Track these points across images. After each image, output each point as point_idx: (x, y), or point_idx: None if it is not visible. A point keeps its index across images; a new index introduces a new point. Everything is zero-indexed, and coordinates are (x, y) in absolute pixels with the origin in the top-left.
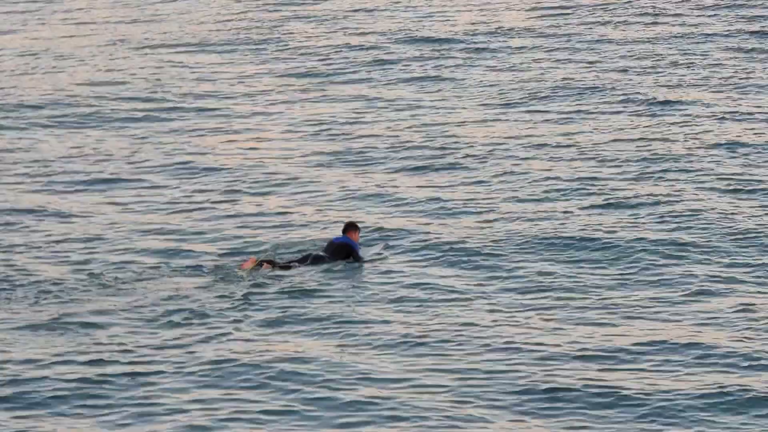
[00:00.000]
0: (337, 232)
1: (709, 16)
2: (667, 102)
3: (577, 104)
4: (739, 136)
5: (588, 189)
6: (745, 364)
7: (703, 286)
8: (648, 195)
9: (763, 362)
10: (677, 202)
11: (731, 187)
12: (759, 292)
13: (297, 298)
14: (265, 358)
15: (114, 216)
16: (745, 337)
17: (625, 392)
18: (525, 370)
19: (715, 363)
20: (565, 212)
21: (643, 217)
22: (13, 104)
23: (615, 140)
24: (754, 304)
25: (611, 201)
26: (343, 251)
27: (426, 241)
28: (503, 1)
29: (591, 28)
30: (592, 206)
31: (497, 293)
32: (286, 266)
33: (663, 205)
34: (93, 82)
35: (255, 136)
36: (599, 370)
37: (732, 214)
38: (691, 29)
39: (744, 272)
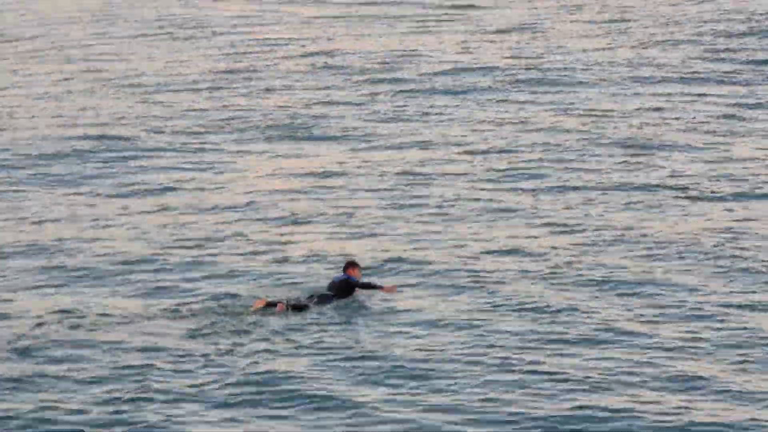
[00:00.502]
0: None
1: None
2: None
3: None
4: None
5: (604, 226)
6: None
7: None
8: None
9: None
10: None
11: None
12: None
13: (318, 332)
14: (284, 388)
15: (131, 250)
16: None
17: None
18: (534, 401)
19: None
20: (573, 246)
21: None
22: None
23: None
24: None
25: (619, 238)
26: (346, 288)
27: (427, 270)
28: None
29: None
30: (606, 242)
31: (503, 319)
32: (298, 306)
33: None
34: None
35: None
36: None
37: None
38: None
39: None
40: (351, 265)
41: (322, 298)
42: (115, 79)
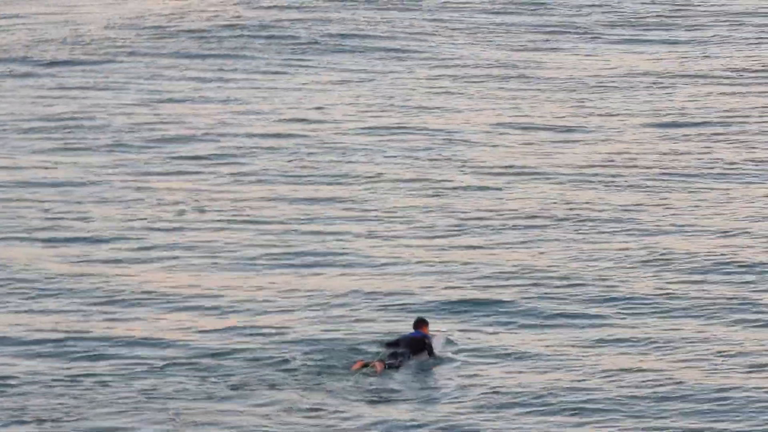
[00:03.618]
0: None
1: None
2: None
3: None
4: None
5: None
6: None
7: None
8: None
9: None
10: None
11: None
12: None
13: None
14: None
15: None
16: None
17: None
18: None
19: None
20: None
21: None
22: None
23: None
24: None
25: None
26: (420, 345)
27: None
28: None
29: None
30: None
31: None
32: (393, 365)
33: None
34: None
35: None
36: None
37: None
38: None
39: None
40: (423, 322)
41: (402, 355)
42: None
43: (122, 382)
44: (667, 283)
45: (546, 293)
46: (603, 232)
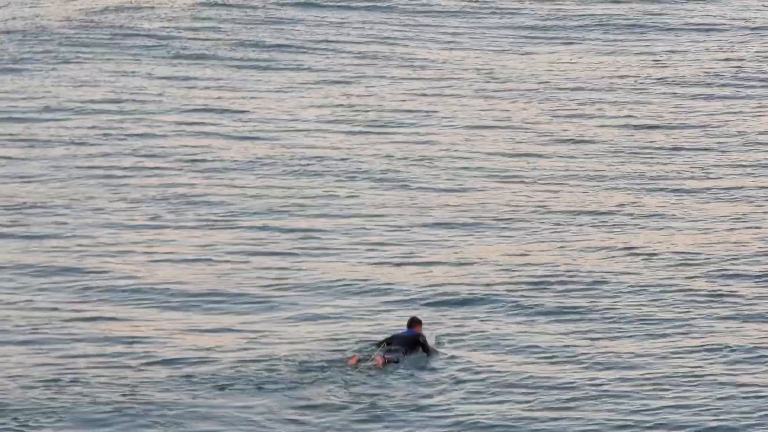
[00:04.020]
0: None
1: None
2: None
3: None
4: None
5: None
6: None
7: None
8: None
9: None
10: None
11: None
12: None
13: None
14: None
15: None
16: None
17: None
18: None
19: None
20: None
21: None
22: None
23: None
24: None
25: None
26: (414, 343)
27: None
28: None
29: None
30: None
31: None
32: (392, 360)
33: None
34: None
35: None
36: None
37: None
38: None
39: None
40: (416, 321)
41: (397, 352)
42: None
43: (105, 381)
44: (650, 276)
45: (535, 288)
46: (584, 226)
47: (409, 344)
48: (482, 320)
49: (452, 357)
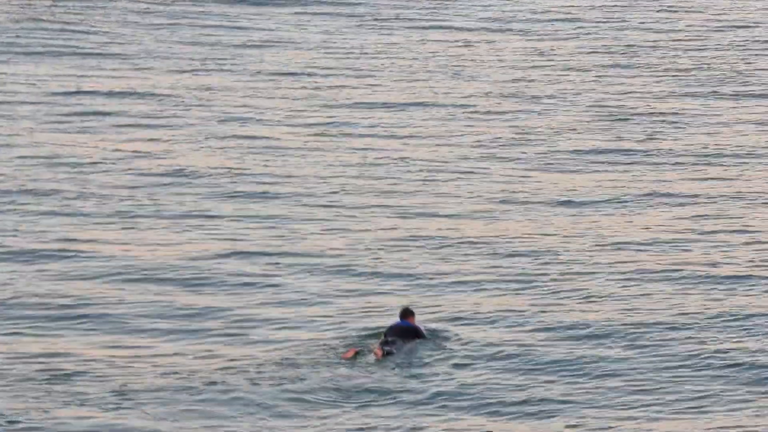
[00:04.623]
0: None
1: None
2: None
3: None
4: None
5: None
6: None
7: None
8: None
9: None
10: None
11: None
12: None
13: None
14: None
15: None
16: None
17: None
18: None
19: None
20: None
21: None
22: None
23: None
24: None
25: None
26: (409, 333)
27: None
28: None
29: None
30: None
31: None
32: (390, 352)
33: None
34: None
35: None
36: None
37: None
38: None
39: None
40: (409, 312)
41: (394, 343)
42: None
43: (90, 378)
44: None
45: (525, 279)
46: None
47: (406, 336)
48: (472, 306)
49: (445, 344)
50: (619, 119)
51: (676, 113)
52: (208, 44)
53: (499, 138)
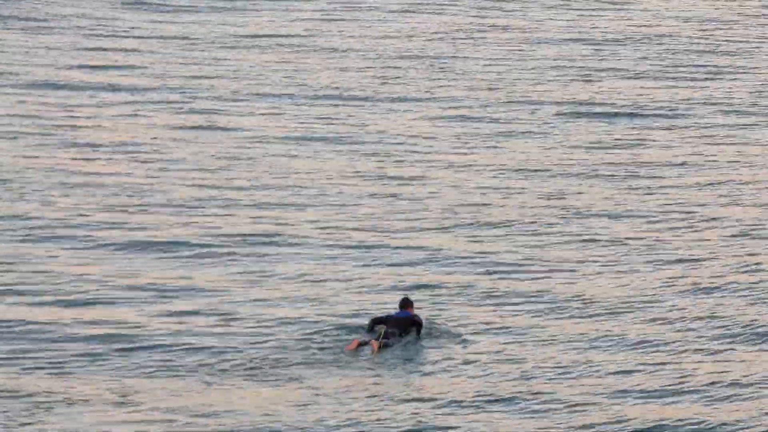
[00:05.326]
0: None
1: None
2: None
3: None
4: None
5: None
6: None
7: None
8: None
9: None
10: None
11: None
12: None
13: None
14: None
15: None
16: None
17: None
18: None
19: None
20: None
21: None
22: None
23: None
24: None
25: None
26: (408, 324)
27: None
28: None
29: None
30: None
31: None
32: (387, 345)
33: None
34: None
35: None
36: None
37: None
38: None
39: None
40: (408, 302)
41: (393, 335)
42: None
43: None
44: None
45: (516, 274)
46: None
47: (405, 326)
48: (473, 305)
49: (442, 340)
50: (605, 117)
51: (666, 113)
52: (193, 37)
53: (488, 135)
